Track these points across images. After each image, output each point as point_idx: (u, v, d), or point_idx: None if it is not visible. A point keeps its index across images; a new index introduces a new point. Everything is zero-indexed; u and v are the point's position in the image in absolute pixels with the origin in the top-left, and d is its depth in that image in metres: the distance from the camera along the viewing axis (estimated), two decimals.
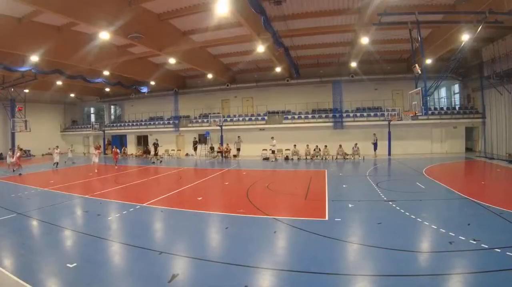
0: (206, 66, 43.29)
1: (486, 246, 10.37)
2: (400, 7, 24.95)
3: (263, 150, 43.27)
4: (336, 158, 40.13)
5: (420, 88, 25.59)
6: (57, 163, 35.74)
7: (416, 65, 25.78)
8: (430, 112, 39.96)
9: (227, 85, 51.60)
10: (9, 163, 33.09)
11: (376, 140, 40.15)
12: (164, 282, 8.65)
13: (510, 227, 12.53)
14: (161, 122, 57.12)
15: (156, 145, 47.32)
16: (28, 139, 55.97)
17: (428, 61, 32.02)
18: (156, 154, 46.51)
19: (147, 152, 49.13)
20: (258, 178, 27.57)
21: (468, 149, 42.76)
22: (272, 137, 41.06)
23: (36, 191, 22.16)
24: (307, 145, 41.29)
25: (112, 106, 69.43)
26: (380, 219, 14.09)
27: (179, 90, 56.27)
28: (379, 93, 45.00)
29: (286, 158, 40.81)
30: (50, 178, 28.64)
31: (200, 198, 18.25)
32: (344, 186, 22.72)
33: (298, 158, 39.68)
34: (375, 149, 40.02)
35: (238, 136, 42.24)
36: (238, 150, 40.90)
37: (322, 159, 40.47)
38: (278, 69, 42.74)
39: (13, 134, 53.95)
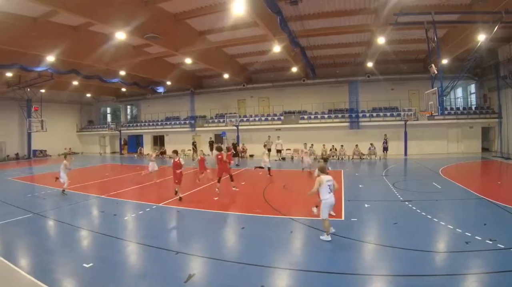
0: (222, 66, 43.37)
1: (503, 246, 10.32)
2: (416, 7, 24.80)
3: (278, 150, 43.03)
4: (352, 158, 40.14)
5: (436, 88, 25.52)
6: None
7: (433, 65, 25.72)
8: (446, 112, 39.96)
9: (243, 85, 51.65)
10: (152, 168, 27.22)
11: (386, 141, 39.99)
12: (181, 282, 8.70)
13: None
14: (177, 122, 57.18)
15: (195, 145, 48.01)
16: (44, 140, 56.37)
17: (444, 61, 31.81)
18: (195, 154, 46.72)
19: (164, 152, 49.37)
20: (274, 178, 27.51)
21: (485, 149, 42.51)
22: (278, 137, 41.15)
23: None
24: (324, 145, 41.26)
25: (128, 106, 69.68)
26: (396, 219, 14.10)
27: (196, 90, 56.44)
28: (396, 93, 44.76)
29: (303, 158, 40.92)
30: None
31: (217, 198, 18.24)
32: (360, 186, 22.61)
33: (314, 158, 39.47)
34: (385, 149, 39.87)
35: (269, 136, 41.95)
36: (269, 150, 40.45)
37: (338, 159, 40.52)
38: (294, 69, 42.71)
39: (29, 134, 54.42)
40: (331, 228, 11.76)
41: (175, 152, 19.95)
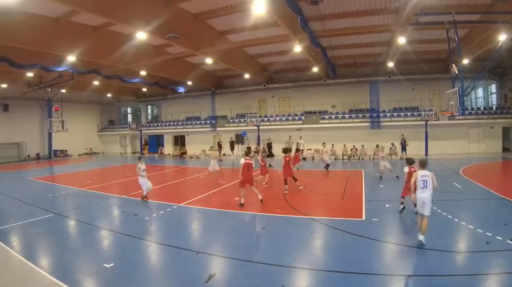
0: (243, 66, 43.42)
1: None
2: (437, 7, 24.74)
3: (298, 150, 42.66)
4: (373, 158, 39.86)
5: (457, 88, 25.47)
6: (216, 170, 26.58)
7: (453, 65, 25.65)
8: (467, 112, 39.80)
9: (264, 85, 51.70)
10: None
11: (405, 141, 39.72)
12: (201, 282, 8.77)
13: None
14: (198, 122, 57.32)
15: (220, 145, 48.29)
16: (64, 140, 57.01)
17: (465, 61, 31.71)
18: (220, 154, 47.30)
19: (185, 152, 49.67)
20: (294, 178, 27.51)
21: (505, 149, 42.20)
22: (300, 137, 40.78)
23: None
24: (344, 145, 41.35)
25: (149, 106, 70.14)
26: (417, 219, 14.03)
27: (216, 90, 56.51)
28: (416, 93, 44.61)
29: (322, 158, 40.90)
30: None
31: (238, 198, 18.20)
32: (381, 186, 22.62)
33: (335, 158, 39.58)
34: (403, 150, 39.58)
35: (290, 136, 41.98)
36: (290, 150, 40.43)
37: (359, 158, 40.68)
38: (315, 69, 42.74)
39: (50, 134, 54.86)
40: (425, 225, 11.04)
41: (248, 150, 19.14)
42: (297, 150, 34.29)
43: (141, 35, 26.47)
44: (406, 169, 14.53)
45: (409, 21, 26.04)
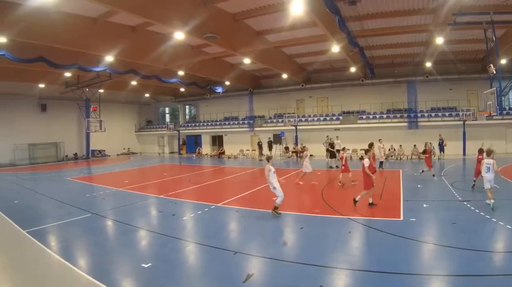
0: (281, 66, 43.63)
1: None
2: (474, 7, 24.83)
3: (337, 150, 42.64)
4: (411, 158, 40.24)
5: (494, 88, 25.38)
6: (306, 173, 24.43)
7: (491, 65, 25.57)
8: (504, 112, 39.49)
9: (302, 85, 51.72)
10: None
11: (442, 141, 39.22)
12: (239, 282, 8.86)
13: None
14: (236, 122, 57.75)
15: (260, 145, 48.24)
16: (102, 140, 57.73)
17: (503, 61, 31.51)
18: (261, 154, 47.42)
19: (223, 152, 50.04)
20: (332, 177, 27.59)
21: None
22: (337, 137, 40.48)
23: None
24: (383, 145, 41.12)
25: (187, 106, 70.52)
26: (455, 219, 14.10)
27: (254, 90, 56.78)
28: (454, 93, 44.29)
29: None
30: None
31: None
32: (418, 186, 22.45)
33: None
34: (441, 150, 39.21)
35: (327, 136, 41.29)
36: (327, 150, 40.29)
37: (396, 158, 40.76)
38: (352, 69, 42.73)
39: (87, 134, 55.61)
40: (492, 195, 15.44)
41: (367, 151, 18.40)
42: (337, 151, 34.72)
43: (179, 35, 26.92)
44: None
45: (447, 21, 25.99)
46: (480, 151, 19.16)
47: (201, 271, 10.23)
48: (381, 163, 29.07)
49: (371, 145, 20.05)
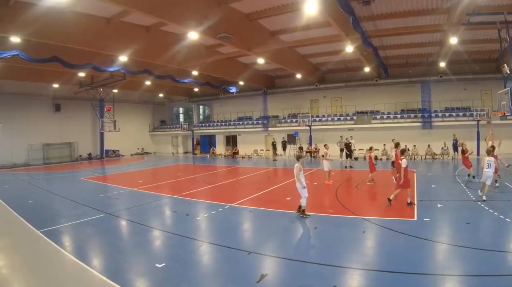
0: (295, 66, 43.71)
1: None
2: (488, 7, 24.76)
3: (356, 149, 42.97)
4: (425, 158, 40.28)
5: (508, 88, 25.24)
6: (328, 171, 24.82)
7: (505, 65, 25.47)
8: None
9: (316, 85, 51.77)
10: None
11: (457, 141, 38.78)
12: (253, 282, 8.88)
13: None
14: (250, 122, 57.92)
15: (274, 145, 48.40)
16: (116, 140, 58.05)
17: None
18: (275, 154, 47.83)
19: (237, 152, 50.15)
20: (346, 177, 27.76)
21: None
22: (351, 137, 40.31)
23: None
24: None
25: (200, 106, 70.82)
26: (469, 219, 14.14)
27: (268, 90, 56.83)
28: (468, 93, 44.14)
29: (376, 158, 40.72)
30: None
31: (289, 198, 18.41)
32: (433, 186, 22.44)
33: (387, 158, 39.56)
34: (455, 150, 38.91)
35: (341, 136, 41.45)
36: (342, 150, 40.31)
37: (410, 158, 40.28)
38: (366, 69, 42.78)
39: (101, 134, 55.86)
40: (486, 190, 16.99)
41: (403, 151, 18.33)
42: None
43: (193, 35, 26.98)
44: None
45: (461, 21, 25.91)
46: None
47: (215, 271, 10.26)
48: (392, 162, 29.05)
49: (397, 145, 21.10)
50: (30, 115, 49.38)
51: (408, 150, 30.77)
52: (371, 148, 26.41)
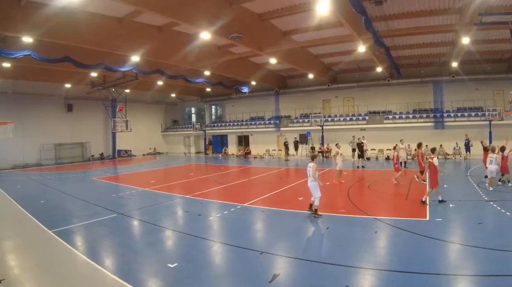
0: (307, 66, 43.66)
1: None
2: (501, 7, 24.62)
3: (370, 150, 43.43)
4: (437, 158, 39.25)
5: None
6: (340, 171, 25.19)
7: None
8: None
9: (328, 85, 51.67)
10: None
11: (469, 141, 39.06)
12: (265, 282, 8.97)
13: None
14: (262, 122, 57.97)
15: (286, 145, 48.33)
16: (128, 140, 58.21)
17: None
18: (287, 154, 47.83)
19: (249, 152, 50.35)
20: (359, 177, 27.82)
21: None
22: (363, 137, 40.17)
23: None
24: (408, 145, 40.84)
25: (213, 106, 70.85)
26: (481, 219, 14.39)
27: (280, 90, 56.81)
28: (480, 93, 43.86)
29: (387, 158, 40.54)
30: None
31: (301, 198, 18.52)
32: (445, 186, 21.95)
33: (412, 158, 39.04)
34: (467, 149, 39.14)
35: (353, 136, 41.71)
36: (354, 150, 40.23)
37: (422, 158, 39.86)
38: (379, 69, 42.76)
39: (114, 134, 56.05)
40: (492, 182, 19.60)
41: (433, 149, 19.21)
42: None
43: (205, 35, 27.00)
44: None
45: (473, 21, 25.82)
46: (485, 148, 23.66)
47: (227, 271, 10.39)
48: (404, 162, 28.91)
49: (419, 145, 22.81)
50: (42, 115, 49.61)
51: (440, 147, 31.08)
52: (395, 147, 26.42)
